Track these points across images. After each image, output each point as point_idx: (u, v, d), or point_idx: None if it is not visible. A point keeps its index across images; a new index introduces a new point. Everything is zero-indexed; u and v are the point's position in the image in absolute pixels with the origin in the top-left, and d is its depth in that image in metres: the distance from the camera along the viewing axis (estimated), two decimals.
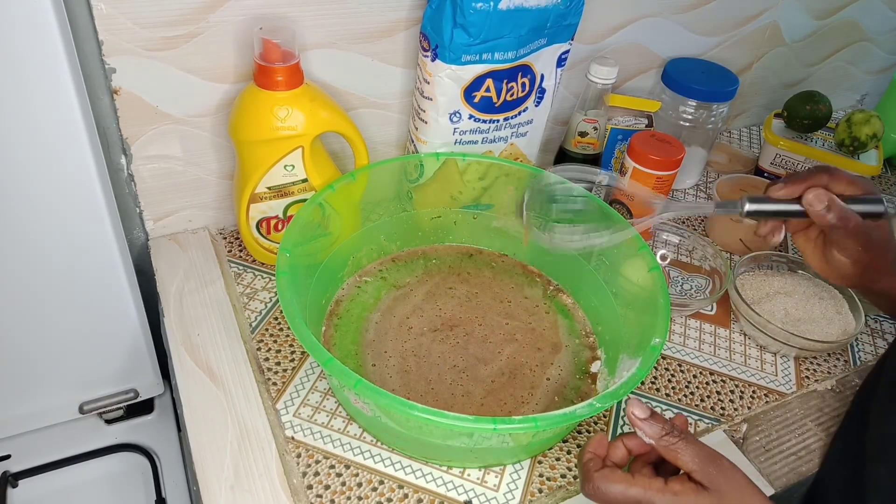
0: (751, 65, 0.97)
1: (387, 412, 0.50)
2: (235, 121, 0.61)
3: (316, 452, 0.54)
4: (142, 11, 0.57)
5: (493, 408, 0.58)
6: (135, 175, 0.66)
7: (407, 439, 0.53)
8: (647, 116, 0.83)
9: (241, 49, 0.62)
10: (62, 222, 0.56)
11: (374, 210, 0.69)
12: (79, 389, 0.69)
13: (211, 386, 0.57)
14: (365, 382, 0.45)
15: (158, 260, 0.69)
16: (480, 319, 0.65)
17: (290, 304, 0.50)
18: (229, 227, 0.74)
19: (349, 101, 0.71)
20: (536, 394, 0.60)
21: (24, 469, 0.68)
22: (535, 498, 0.53)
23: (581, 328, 0.67)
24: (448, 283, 0.69)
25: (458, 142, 0.68)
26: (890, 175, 1.01)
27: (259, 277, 0.69)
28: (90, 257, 0.60)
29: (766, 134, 0.91)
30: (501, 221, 0.73)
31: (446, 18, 0.60)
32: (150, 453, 0.71)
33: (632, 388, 0.48)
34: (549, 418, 0.46)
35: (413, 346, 0.62)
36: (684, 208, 0.64)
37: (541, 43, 0.65)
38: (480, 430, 0.45)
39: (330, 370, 0.46)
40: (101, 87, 0.60)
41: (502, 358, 0.62)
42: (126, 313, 0.65)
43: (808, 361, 0.68)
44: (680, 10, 0.84)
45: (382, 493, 0.52)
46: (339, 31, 0.65)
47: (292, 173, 0.63)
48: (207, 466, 0.52)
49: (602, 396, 0.47)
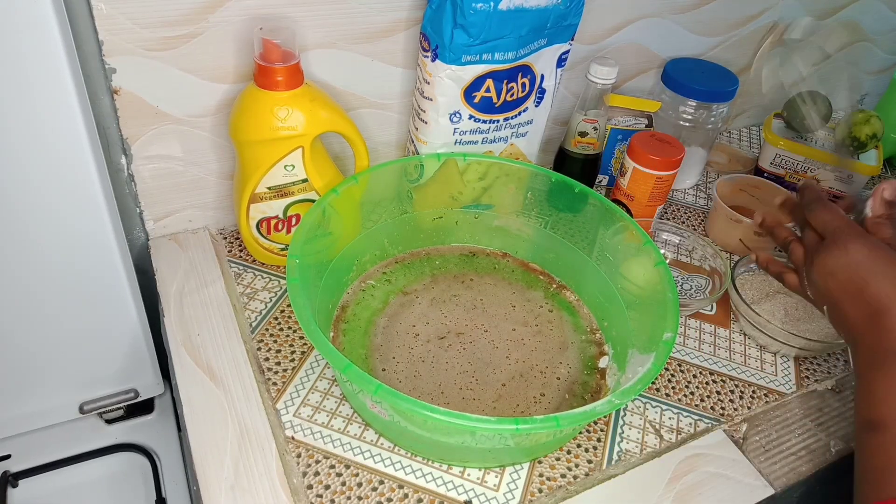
0: (751, 65, 0.97)
1: (407, 416, 0.50)
2: (235, 121, 0.61)
3: (316, 452, 0.54)
4: (142, 11, 0.57)
5: (506, 410, 0.58)
6: (135, 175, 0.66)
7: (426, 442, 0.53)
8: (647, 116, 0.83)
9: (241, 49, 0.62)
10: (62, 222, 0.56)
11: (375, 210, 0.69)
12: (79, 389, 0.69)
13: (211, 386, 0.57)
14: (385, 387, 0.45)
15: (158, 260, 0.69)
16: (486, 326, 0.65)
17: (303, 310, 0.50)
18: (229, 227, 0.74)
19: (349, 101, 0.71)
20: (548, 393, 0.60)
21: (24, 469, 0.68)
22: (535, 498, 0.53)
23: (587, 324, 0.67)
24: (452, 291, 0.69)
25: (458, 142, 0.68)
26: (890, 175, 1.01)
27: (259, 277, 0.69)
28: (90, 257, 0.60)
29: (766, 134, 0.91)
30: (502, 220, 0.73)
31: (446, 19, 0.60)
32: (150, 453, 0.71)
33: (648, 383, 0.48)
34: (570, 416, 0.46)
35: (420, 352, 0.62)
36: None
37: (541, 43, 0.65)
38: (502, 431, 0.46)
39: (349, 376, 0.46)
40: (101, 87, 0.60)
41: (510, 362, 0.62)
42: (126, 313, 0.65)
43: (807, 361, 0.68)
44: (680, 10, 0.84)
45: (382, 492, 0.52)
46: (339, 31, 0.65)
47: (292, 173, 0.63)
48: (207, 466, 0.52)
49: (619, 393, 0.48)
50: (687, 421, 0.60)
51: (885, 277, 0.49)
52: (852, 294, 0.51)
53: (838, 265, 0.52)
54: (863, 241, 0.52)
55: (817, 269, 0.54)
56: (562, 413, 0.46)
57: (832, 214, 0.55)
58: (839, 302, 0.52)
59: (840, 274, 0.52)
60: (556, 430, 0.51)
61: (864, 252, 0.51)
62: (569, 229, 0.70)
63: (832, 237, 0.53)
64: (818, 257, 0.53)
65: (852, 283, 0.51)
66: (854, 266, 0.51)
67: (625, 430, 0.59)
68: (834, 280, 0.52)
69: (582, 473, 0.55)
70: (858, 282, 0.50)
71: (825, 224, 0.55)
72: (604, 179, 0.87)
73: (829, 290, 0.53)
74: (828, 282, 0.53)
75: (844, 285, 0.51)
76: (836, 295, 0.52)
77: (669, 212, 0.86)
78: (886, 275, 0.49)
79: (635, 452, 0.57)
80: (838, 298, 0.52)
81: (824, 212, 0.55)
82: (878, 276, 0.50)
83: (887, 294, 0.49)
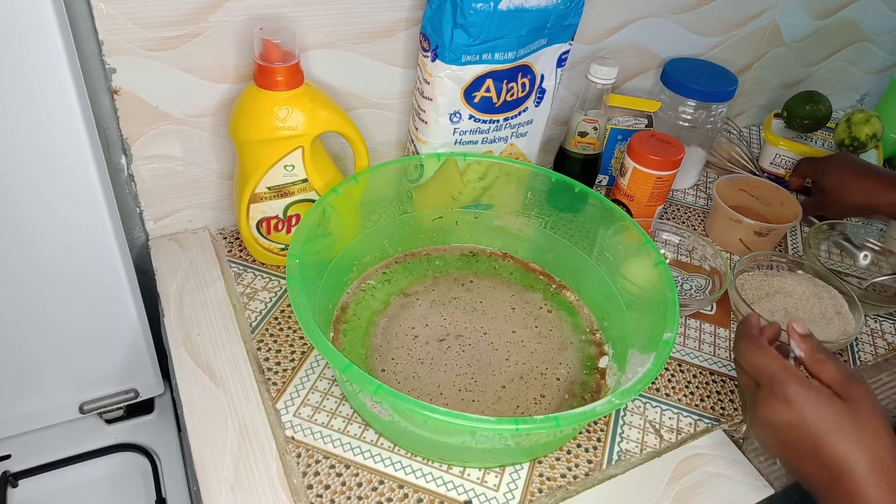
0: (751, 65, 0.97)
1: (407, 416, 0.50)
2: (235, 121, 0.61)
3: (316, 452, 0.54)
4: (142, 11, 0.57)
5: (506, 411, 0.58)
6: (135, 175, 0.66)
7: (426, 443, 0.53)
8: (646, 116, 0.83)
9: (241, 49, 0.62)
10: (62, 222, 0.56)
11: (375, 210, 0.69)
12: (79, 389, 0.69)
13: (211, 386, 0.57)
14: (385, 387, 0.45)
15: (158, 260, 0.69)
16: (486, 328, 0.65)
17: (303, 310, 0.50)
18: (229, 227, 0.74)
19: (349, 101, 0.71)
20: (548, 394, 0.60)
21: (24, 469, 0.68)
22: (535, 498, 0.53)
23: (586, 324, 0.67)
24: (452, 293, 0.69)
25: (458, 142, 0.68)
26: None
27: (259, 277, 0.69)
28: (90, 257, 0.60)
29: (766, 134, 0.91)
30: (502, 220, 0.73)
31: (446, 19, 0.60)
32: (150, 453, 0.71)
33: (648, 383, 0.48)
34: (570, 416, 0.46)
35: (420, 354, 0.62)
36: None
37: (541, 43, 0.65)
38: (502, 432, 0.45)
39: (349, 376, 0.46)
40: (101, 87, 0.60)
41: (510, 364, 0.62)
42: (126, 313, 0.65)
43: None
44: (680, 11, 0.84)
45: (382, 492, 0.52)
46: (339, 31, 0.65)
47: (292, 173, 0.63)
48: (207, 466, 0.52)
49: (619, 393, 0.47)
50: (687, 421, 0.60)
51: (838, 435, 0.45)
52: (807, 454, 0.46)
53: (783, 422, 0.47)
54: (804, 391, 0.47)
55: (761, 422, 0.49)
56: (562, 413, 0.46)
57: (766, 358, 0.50)
58: (793, 460, 0.48)
59: (786, 431, 0.47)
60: (556, 431, 0.51)
61: (809, 406, 0.46)
62: (569, 229, 0.70)
63: (769, 385, 0.48)
64: (759, 409, 0.49)
65: (803, 442, 0.46)
66: (801, 424, 0.46)
67: (625, 430, 0.59)
68: (780, 437, 0.48)
69: (582, 473, 0.55)
70: (810, 441, 0.46)
71: (759, 370, 0.50)
72: (604, 179, 0.87)
73: (779, 446, 0.48)
74: (775, 437, 0.48)
75: (795, 444, 0.47)
76: (787, 453, 0.48)
77: (669, 212, 0.86)
78: (839, 432, 0.45)
79: (635, 452, 0.57)
80: (791, 456, 0.48)
81: (757, 355, 0.50)
82: (830, 435, 0.45)
83: (844, 455, 0.45)
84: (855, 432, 0.45)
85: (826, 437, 0.45)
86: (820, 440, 0.46)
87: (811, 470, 0.47)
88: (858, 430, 0.45)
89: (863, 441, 0.45)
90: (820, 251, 0.82)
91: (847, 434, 0.45)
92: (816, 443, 0.46)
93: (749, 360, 0.51)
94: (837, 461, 0.45)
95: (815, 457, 0.46)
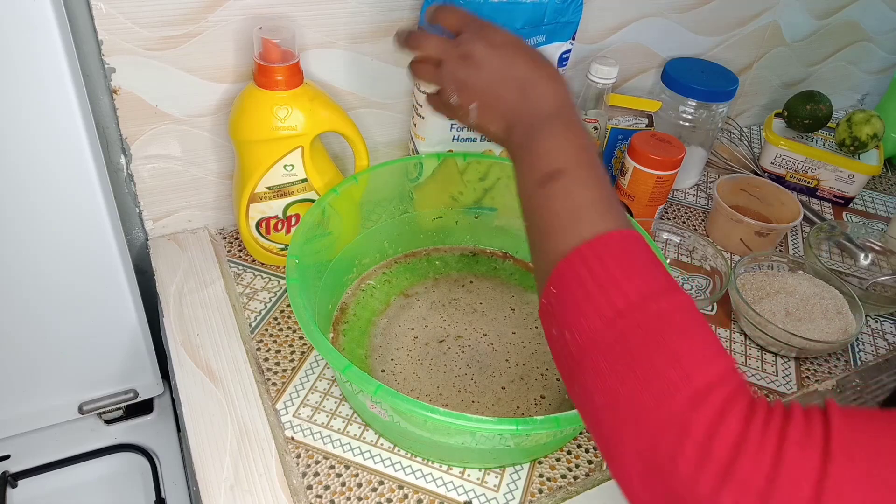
0: (751, 65, 0.97)
1: (407, 417, 0.50)
2: (235, 121, 0.61)
3: (316, 453, 0.54)
4: (141, 11, 0.57)
5: (506, 412, 0.58)
6: (134, 175, 0.66)
7: (426, 443, 0.53)
8: (647, 116, 0.83)
9: (241, 49, 0.62)
10: (62, 222, 0.56)
11: (375, 210, 0.68)
12: (78, 389, 0.69)
13: (211, 386, 0.57)
14: (385, 388, 0.45)
15: (158, 260, 0.68)
16: (486, 330, 0.65)
17: (302, 311, 0.50)
18: (229, 227, 0.74)
19: (349, 101, 0.71)
20: (548, 395, 0.60)
21: (23, 469, 0.67)
22: (535, 498, 0.53)
23: None
24: (452, 294, 0.69)
25: (456, 139, 0.68)
26: (890, 175, 1.01)
27: (259, 277, 0.68)
28: (90, 257, 0.60)
29: (767, 134, 0.91)
30: (503, 221, 0.72)
31: None
32: (150, 453, 0.71)
33: None
34: (570, 417, 0.46)
35: (419, 355, 0.62)
36: None
37: (538, 40, 0.65)
38: (503, 432, 0.45)
39: (348, 376, 0.46)
40: (100, 86, 0.60)
41: (510, 366, 0.62)
42: (126, 313, 0.65)
43: (808, 361, 0.68)
44: (680, 10, 0.84)
45: (382, 493, 0.52)
46: (339, 31, 0.65)
47: (292, 173, 0.63)
48: (207, 466, 0.52)
49: None
50: None
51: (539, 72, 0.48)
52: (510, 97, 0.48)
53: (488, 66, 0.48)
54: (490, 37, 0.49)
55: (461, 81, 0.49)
56: (562, 414, 0.46)
57: (433, 37, 0.51)
58: (493, 105, 0.49)
59: (493, 73, 0.48)
60: (557, 431, 0.51)
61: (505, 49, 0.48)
62: None
63: (459, 44, 0.50)
64: (459, 68, 0.49)
65: (507, 84, 0.48)
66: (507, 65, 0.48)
67: None
68: (483, 80, 0.48)
69: (582, 474, 0.55)
70: (515, 83, 0.48)
71: (435, 44, 0.51)
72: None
73: (483, 91, 0.49)
74: (482, 80, 0.49)
75: (499, 87, 0.48)
76: (489, 97, 0.49)
77: (670, 212, 0.86)
78: (540, 69, 0.48)
79: None
80: (491, 100, 0.49)
81: (423, 39, 0.52)
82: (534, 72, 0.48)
83: (525, 74, 0.48)
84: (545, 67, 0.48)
85: (530, 74, 0.48)
86: (526, 78, 0.47)
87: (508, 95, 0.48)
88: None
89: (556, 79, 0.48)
90: (821, 251, 0.82)
91: (524, 57, 0.48)
92: (522, 82, 0.47)
93: (422, 48, 0.51)
94: (522, 78, 0.47)
95: (523, 99, 0.47)
